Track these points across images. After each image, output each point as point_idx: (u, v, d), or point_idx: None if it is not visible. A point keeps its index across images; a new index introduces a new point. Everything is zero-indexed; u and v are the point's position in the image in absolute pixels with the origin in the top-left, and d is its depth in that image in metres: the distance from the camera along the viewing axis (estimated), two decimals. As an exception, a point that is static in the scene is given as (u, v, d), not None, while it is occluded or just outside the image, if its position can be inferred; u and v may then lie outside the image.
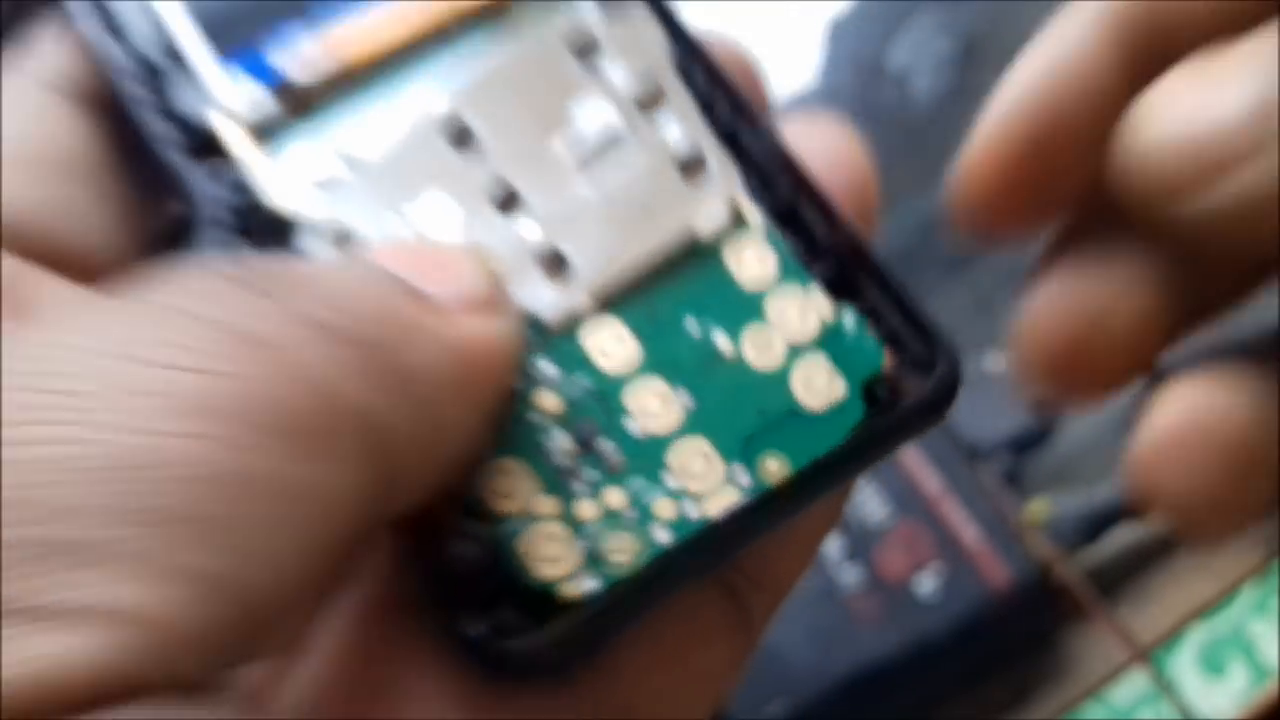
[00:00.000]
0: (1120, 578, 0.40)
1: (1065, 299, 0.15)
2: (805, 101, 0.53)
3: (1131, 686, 0.39)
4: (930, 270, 0.45)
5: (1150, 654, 0.39)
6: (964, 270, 0.47)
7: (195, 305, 0.10)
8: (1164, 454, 0.13)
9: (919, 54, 0.54)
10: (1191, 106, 0.13)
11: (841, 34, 0.55)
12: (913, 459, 0.40)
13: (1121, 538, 0.40)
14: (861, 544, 0.38)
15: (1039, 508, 0.40)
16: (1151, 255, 0.14)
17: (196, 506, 0.09)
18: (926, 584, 0.37)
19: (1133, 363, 0.14)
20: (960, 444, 0.40)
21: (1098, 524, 0.40)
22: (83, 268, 0.13)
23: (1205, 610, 0.40)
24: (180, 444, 0.09)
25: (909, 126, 0.52)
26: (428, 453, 0.11)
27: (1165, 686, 0.39)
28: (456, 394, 0.11)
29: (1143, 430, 0.13)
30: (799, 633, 0.37)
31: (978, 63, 0.54)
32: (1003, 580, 0.38)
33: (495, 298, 0.12)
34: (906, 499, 0.39)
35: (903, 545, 0.37)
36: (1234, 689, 0.39)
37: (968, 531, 0.39)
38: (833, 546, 0.39)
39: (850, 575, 0.38)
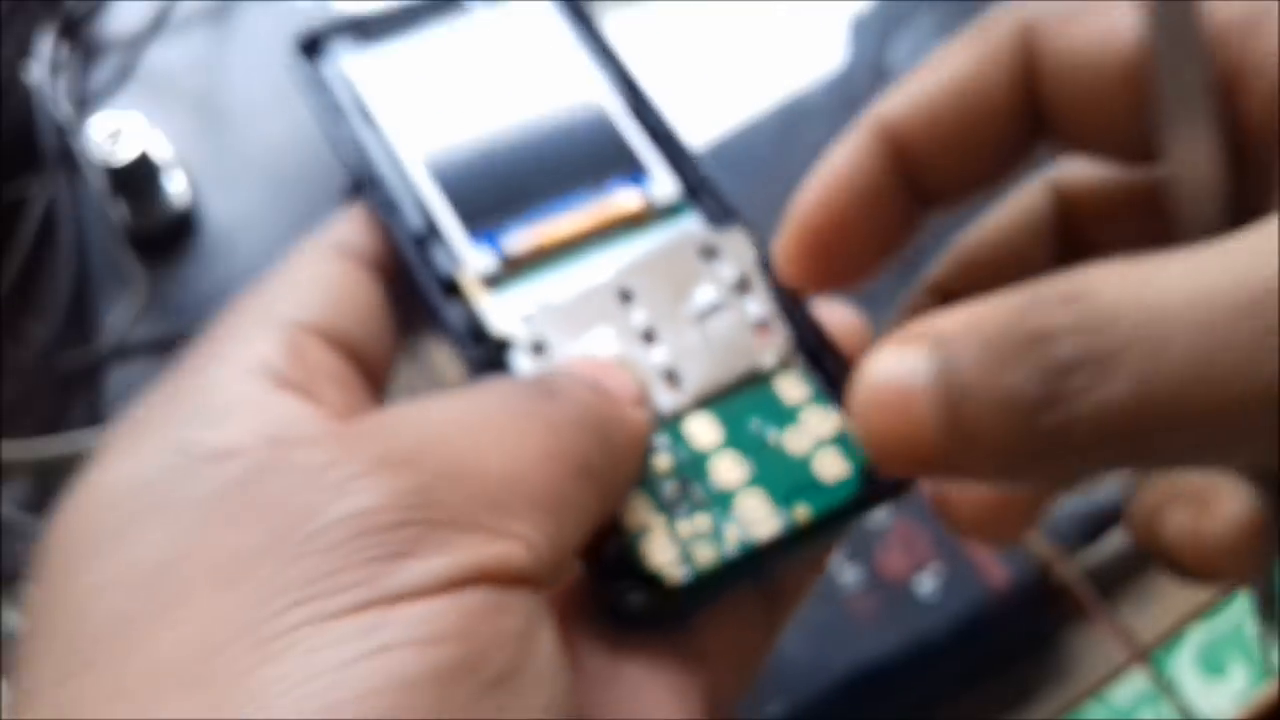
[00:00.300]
0: (1120, 578, 0.40)
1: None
2: (810, 101, 0.53)
3: (1131, 686, 0.39)
4: (930, 261, 0.45)
5: (1150, 654, 0.39)
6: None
7: (516, 399, 0.18)
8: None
9: (918, 55, 0.54)
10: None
11: (850, 31, 0.55)
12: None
13: (1121, 538, 0.40)
14: (861, 544, 0.38)
15: (1039, 508, 0.40)
16: None
17: (561, 502, 0.17)
18: (926, 584, 0.37)
19: None
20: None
21: (1098, 524, 0.40)
22: (369, 363, 0.21)
23: (1205, 610, 0.40)
24: (544, 477, 0.17)
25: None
26: (620, 490, 0.19)
27: (1165, 686, 0.39)
28: (632, 456, 0.19)
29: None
30: (799, 632, 0.37)
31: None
32: (1002, 580, 0.38)
33: (644, 396, 0.20)
34: (906, 499, 0.39)
35: (902, 545, 0.37)
36: (1234, 689, 0.39)
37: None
38: (833, 546, 0.39)
39: (850, 575, 0.38)
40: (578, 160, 0.24)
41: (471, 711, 0.14)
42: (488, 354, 0.21)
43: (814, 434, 0.21)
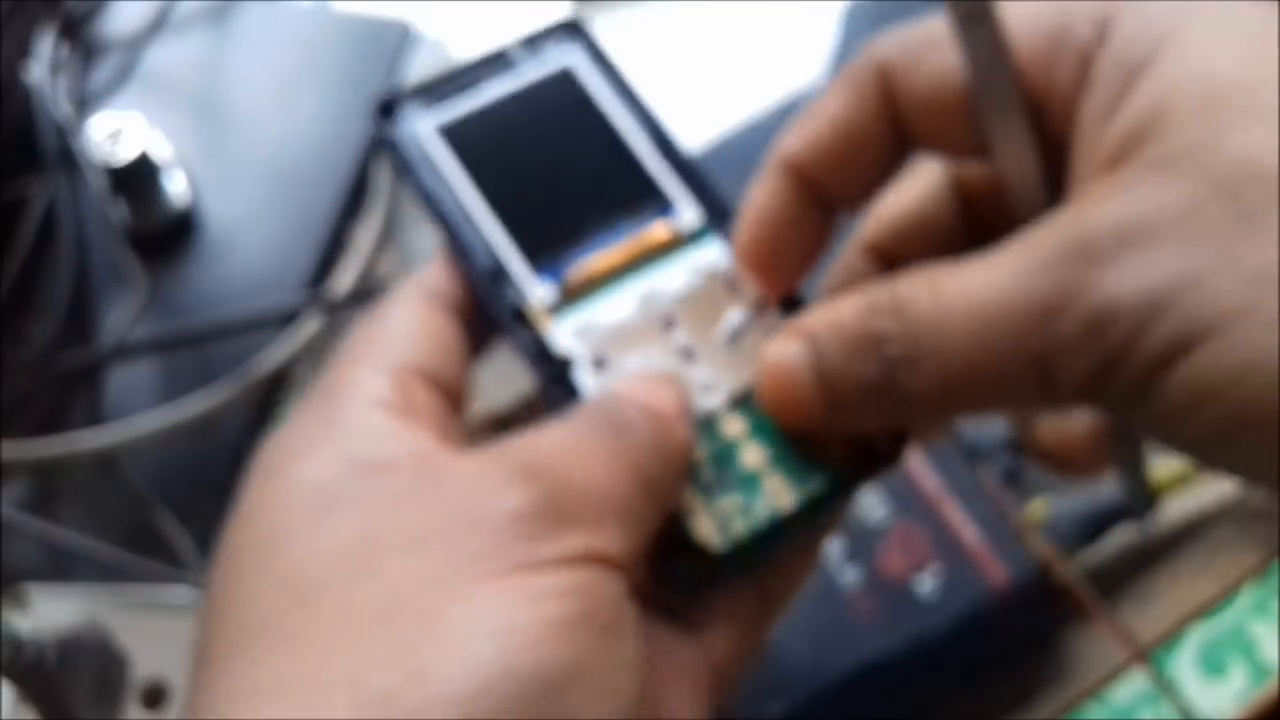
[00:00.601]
0: (1120, 578, 0.40)
1: None
2: (810, 100, 0.53)
3: (1131, 686, 0.39)
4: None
5: (1150, 654, 0.39)
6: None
7: (601, 432, 0.23)
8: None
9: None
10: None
11: (849, 31, 0.55)
12: (913, 459, 0.40)
13: (1121, 538, 0.40)
14: (861, 544, 0.38)
15: (1039, 508, 0.40)
16: None
17: (635, 511, 0.22)
18: (926, 583, 0.37)
19: None
20: (960, 444, 0.40)
21: (1098, 524, 0.40)
22: (451, 393, 0.25)
23: (1205, 610, 0.40)
24: (624, 493, 0.22)
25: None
26: (674, 492, 0.24)
27: (1165, 686, 0.39)
28: (681, 465, 0.24)
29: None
30: (799, 632, 0.37)
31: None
32: (1002, 580, 0.37)
33: (687, 407, 0.24)
34: (906, 499, 0.39)
35: (902, 545, 0.37)
36: (1234, 689, 0.39)
37: (967, 531, 0.38)
38: (833, 546, 0.39)
39: (850, 575, 0.38)
40: (616, 198, 0.28)
41: (592, 648, 0.20)
42: (554, 371, 0.26)
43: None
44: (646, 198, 0.28)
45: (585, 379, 0.26)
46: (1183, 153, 0.20)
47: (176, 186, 0.50)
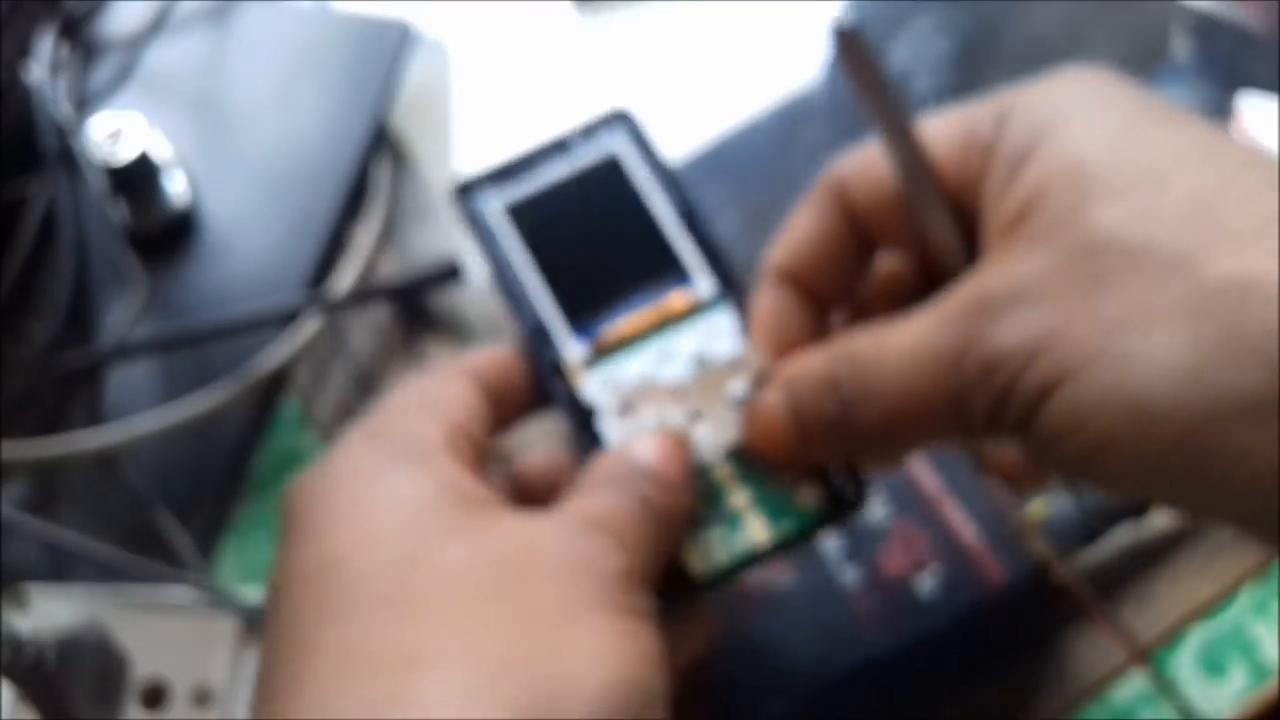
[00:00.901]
0: (1120, 578, 0.40)
1: None
2: (809, 101, 0.53)
3: (1131, 687, 0.39)
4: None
5: (1150, 654, 0.39)
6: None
7: (633, 502, 0.28)
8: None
9: (918, 55, 0.54)
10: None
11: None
12: (914, 460, 0.40)
13: (1121, 538, 0.40)
14: (862, 544, 0.38)
15: (1038, 508, 0.40)
16: None
17: (657, 562, 0.28)
18: (926, 583, 0.37)
19: None
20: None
21: (1098, 524, 0.40)
22: (477, 445, 0.29)
23: (1205, 610, 0.40)
24: (649, 549, 0.28)
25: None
26: (677, 537, 0.29)
27: (1165, 687, 0.39)
28: (683, 523, 0.29)
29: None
30: (800, 632, 0.37)
31: (975, 63, 0.54)
32: (1002, 580, 0.38)
33: (690, 470, 0.30)
34: (906, 499, 0.39)
35: (903, 545, 0.37)
36: (1234, 689, 0.39)
37: (967, 531, 0.38)
38: (833, 546, 0.39)
39: (851, 575, 0.38)
40: (643, 269, 0.33)
41: (661, 674, 0.25)
42: (582, 418, 0.31)
43: (794, 474, 0.30)
44: (669, 269, 0.33)
45: (608, 428, 0.31)
46: (1053, 226, 0.24)
47: (176, 186, 0.50)
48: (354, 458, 0.28)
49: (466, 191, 0.34)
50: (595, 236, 0.33)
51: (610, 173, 0.34)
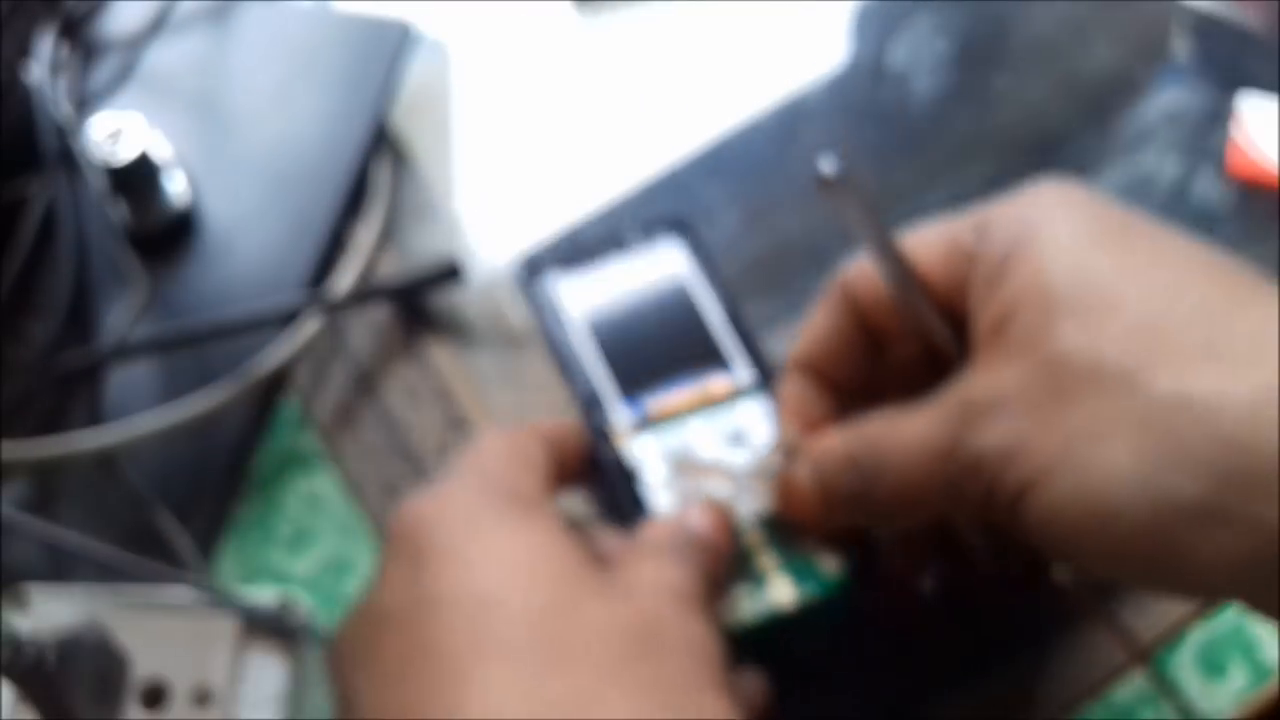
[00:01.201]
0: (1120, 578, 0.40)
1: None
2: (809, 101, 0.53)
3: (1131, 687, 0.39)
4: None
5: (1150, 654, 0.39)
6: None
7: (692, 582, 0.31)
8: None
9: (920, 55, 0.54)
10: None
11: (849, 31, 0.55)
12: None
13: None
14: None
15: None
16: None
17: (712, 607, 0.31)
18: (926, 583, 0.37)
19: None
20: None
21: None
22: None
23: (1205, 610, 0.40)
24: (704, 608, 0.30)
25: (909, 126, 0.52)
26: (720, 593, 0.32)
27: (1165, 687, 0.39)
28: (723, 582, 0.32)
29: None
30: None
31: (974, 63, 0.54)
32: (1001, 580, 0.37)
33: (729, 538, 0.33)
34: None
35: (903, 544, 0.37)
36: (1234, 689, 0.39)
37: (967, 530, 0.38)
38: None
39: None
40: (689, 354, 0.38)
41: None
42: (626, 481, 0.35)
43: (817, 541, 0.34)
44: (713, 357, 0.37)
45: (649, 492, 0.35)
46: (1023, 343, 0.27)
47: (176, 186, 0.50)
48: (470, 498, 0.30)
49: (531, 269, 0.39)
50: (647, 322, 0.38)
51: (663, 268, 0.39)
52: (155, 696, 0.37)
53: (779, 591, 0.33)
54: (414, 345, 0.47)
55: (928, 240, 0.31)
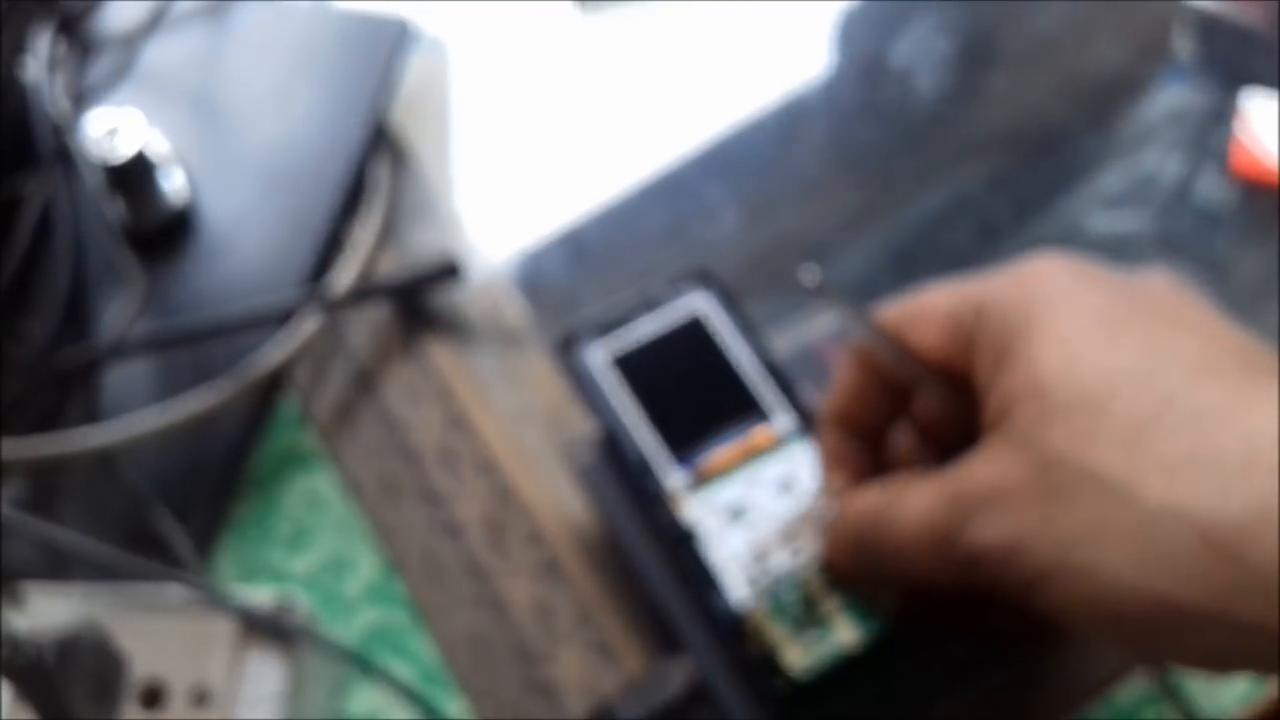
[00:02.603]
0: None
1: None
2: (811, 98, 0.53)
3: (1135, 687, 0.39)
4: (931, 260, 0.45)
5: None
6: (965, 265, 0.47)
7: None
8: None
9: (920, 54, 0.54)
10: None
11: (849, 31, 0.55)
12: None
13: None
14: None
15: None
16: None
17: None
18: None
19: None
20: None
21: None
22: None
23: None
24: None
25: (910, 124, 0.52)
26: None
27: (1168, 687, 0.39)
28: None
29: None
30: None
31: (975, 62, 0.54)
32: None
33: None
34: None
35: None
36: (1235, 689, 0.39)
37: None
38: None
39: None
40: (732, 409, 0.38)
41: None
42: (683, 541, 0.36)
43: (877, 591, 0.35)
44: (754, 409, 0.38)
45: (708, 550, 0.36)
46: (1019, 439, 0.28)
47: (174, 184, 0.50)
48: None
49: (570, 343, 0.40)
50: (687, 381, 0.39)
51: (696, 324, 0.40)
52: (153, 696, 0.36)
53: (843, 634, 0.34)
54: (413, 344, 0.47)
55: (928, 318, 0.32)
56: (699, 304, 0.40)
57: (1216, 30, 0.53)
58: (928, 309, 0.32)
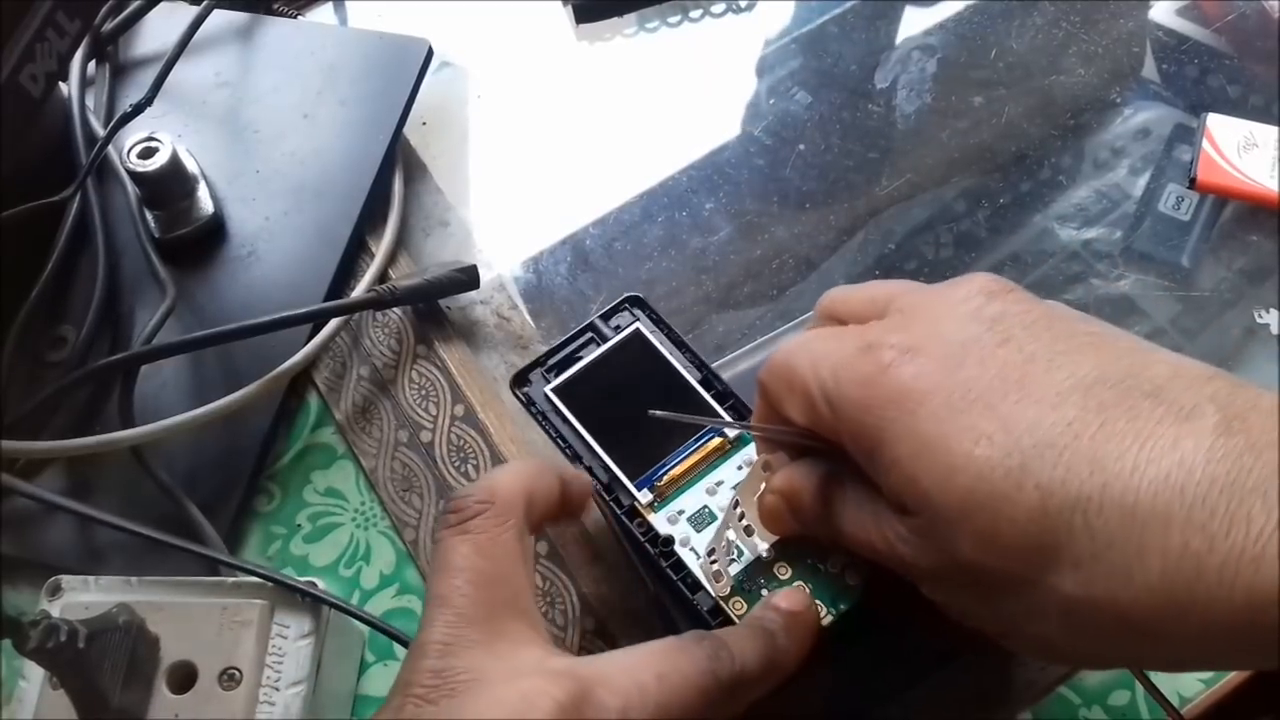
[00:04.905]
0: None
1: None
2: (798, 117, 0.53)
3: (1101, 673, 0.39)
4: (912, 270, 0.45)
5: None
6: (945, 275, 0.47)
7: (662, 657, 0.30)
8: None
9: (902, 74, 0.54)
10: None
11: (816, 47, 0.55)
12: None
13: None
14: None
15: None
16: None
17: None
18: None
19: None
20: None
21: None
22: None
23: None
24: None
25: (893, 141, 0.52)
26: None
27: (1137, 670, 0.39)
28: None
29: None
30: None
31: (955, 83, 0.54)
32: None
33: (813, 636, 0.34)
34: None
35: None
36: (1202, 674, 0.39)
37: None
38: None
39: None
40: (682, 426, 0.38)
41: None
42: (665, 548, 0.36)
43: (841, 561, 0.35)
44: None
45: (681, 554, 0.36)
46: (929, 536, 0.28)
47: (204, 197, 0.50)
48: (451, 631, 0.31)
49: (521, 381, 0.40)
50: (635, 403, 0.38)
51: (636, 350, 0.40)
52: (184, 679, 0.37)
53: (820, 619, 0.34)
54: (427, 346, 0.47)
55: (795, 394, 0.31)
56: (635, 330, 0.40)
57: (1184, 54, 0.53)
58: (795, 385, 0.31)
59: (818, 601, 0.34)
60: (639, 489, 0.37)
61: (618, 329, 0.40)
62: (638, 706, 0.28)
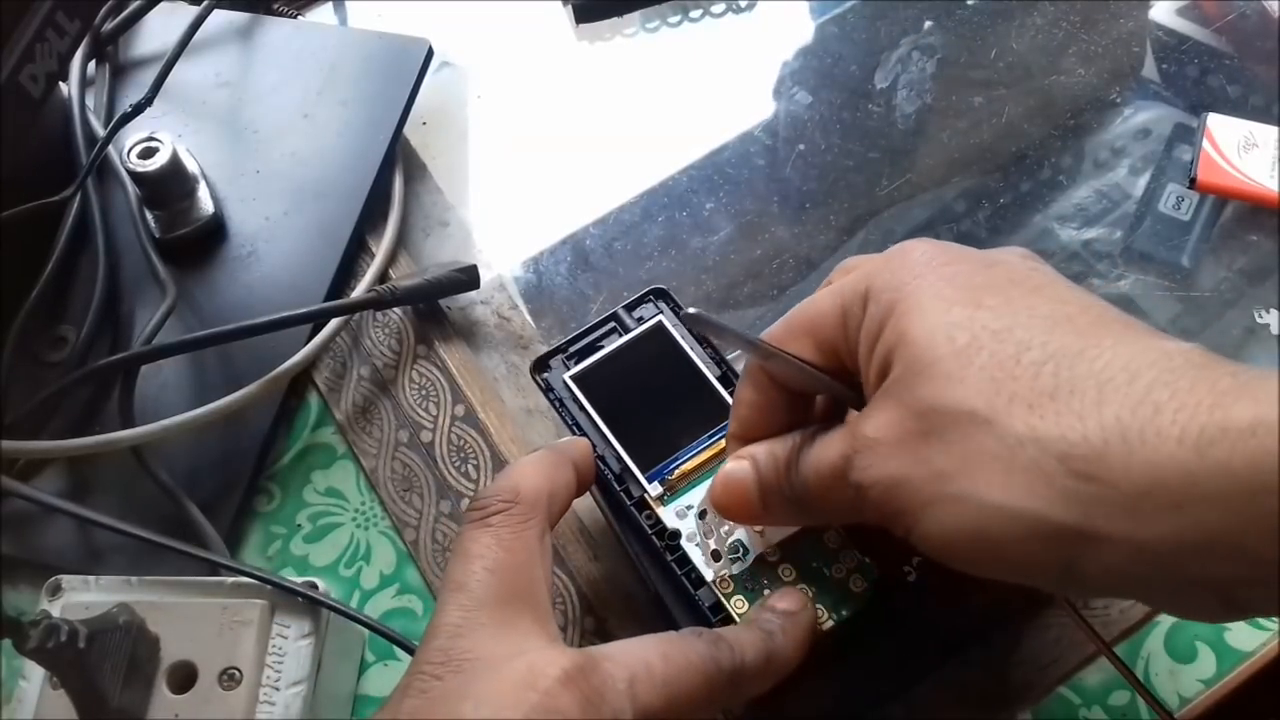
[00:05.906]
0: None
1: None
2: (800, 116, 0.53)
3: (1101, 672, 0.39)
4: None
5: (1120, 641, 0.39)
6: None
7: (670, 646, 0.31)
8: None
9: (902, 74, 0.54)
10: None
11: (838, 54, 0.55)
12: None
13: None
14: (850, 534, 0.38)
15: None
16: None
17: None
18: (911, 575, 0.37)
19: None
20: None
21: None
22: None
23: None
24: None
25: (894, 141, 0.52)
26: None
27: (1134, 673, 0.38)
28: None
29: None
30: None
31: (955, 83, 0.53)
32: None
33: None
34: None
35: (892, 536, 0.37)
36: (1202, 675, 0.39)
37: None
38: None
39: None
40: (695, 420, 0.38)
41: None
42: (670, 541, 0.36)
43: (846, 567, 0.35)
44: (716, 419, 0.38)
45: (686, 550, 0.36)
46: (894, 391, 0.29)
47: (204, 197, 0.50)
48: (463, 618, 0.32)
49: (542, 367, 0.40)
50: (653, 397, 0.38)
51: (657, 339, 0.39)
52: (184, 679, 0.36)
53: (819, 618, 0.34)
54: (428, 346, 0.47)
55: (826, 310, 0.32)
56: (658, 322, 0.40)
57: (1184, 54, 0.53)
58: (826, 310, 0.32)
59: (820, 606, 0.34)
60: (650, 481, 0.37)
61: (640, 320, 0.40)
62: (644, 679, 0.29)
